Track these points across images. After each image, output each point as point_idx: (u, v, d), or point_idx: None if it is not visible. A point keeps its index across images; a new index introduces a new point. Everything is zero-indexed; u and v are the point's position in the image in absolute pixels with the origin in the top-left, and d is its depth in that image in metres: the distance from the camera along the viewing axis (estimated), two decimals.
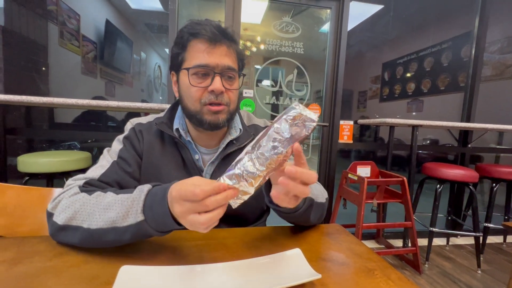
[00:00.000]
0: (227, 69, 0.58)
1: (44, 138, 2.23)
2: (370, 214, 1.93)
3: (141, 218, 0.41)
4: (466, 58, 2.49)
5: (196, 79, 0.58)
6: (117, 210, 0.43)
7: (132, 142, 0.63)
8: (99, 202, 0.45)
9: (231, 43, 0.60)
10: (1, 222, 0.69)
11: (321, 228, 0.60)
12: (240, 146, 0.66)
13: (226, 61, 0.58)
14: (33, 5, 2.09)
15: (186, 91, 0.60)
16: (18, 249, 0.43)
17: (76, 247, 0.45)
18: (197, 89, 0.58)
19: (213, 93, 0.57)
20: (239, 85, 0.63)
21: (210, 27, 0.57)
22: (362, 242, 0.53)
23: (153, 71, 3.75)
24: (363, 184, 1.58)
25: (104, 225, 0.43)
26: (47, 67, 2.22)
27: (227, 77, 0.59)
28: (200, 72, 0.57)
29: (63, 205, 0.46)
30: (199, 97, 0.58)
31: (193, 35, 0.57)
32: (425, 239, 2.00)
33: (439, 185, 1.81)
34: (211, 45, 0.57)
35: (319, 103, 2.12)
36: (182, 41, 0.59)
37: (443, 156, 2.93)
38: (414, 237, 1.67)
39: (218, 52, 0.57)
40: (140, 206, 0.42)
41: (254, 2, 1.97)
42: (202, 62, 0.56)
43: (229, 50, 0.59)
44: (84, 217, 0.44)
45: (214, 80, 0.57)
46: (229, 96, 0.60)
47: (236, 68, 0.61)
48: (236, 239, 0.52)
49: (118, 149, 0.61)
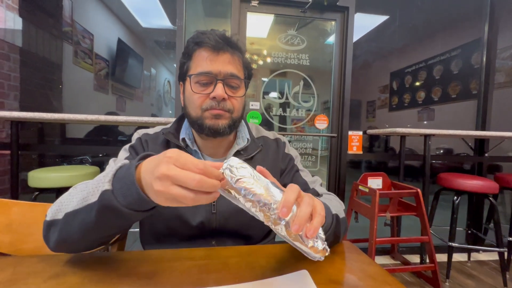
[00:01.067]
0: (230, 76, 0.58)
1: (56, 153, 2.28)
2: (384, 228, 1.85)
3: (107, 187, 0.37)
4: (477, 65, 2.44)
5: (198, 87, 0.58)
6: (90, 187, 0.39)
7: (137, 151, 0.63)
8: (81, 186, 0.43)
9: (234, 50, 0.60)
10: (5, 240, 0.68)
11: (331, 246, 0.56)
12: (248, 157, 0.64)
13: (229, 69, 0.58)
14: (49, 26, 2.20)
15: (189, 98, 0.59)
16: (14, 269, 0.42)
17: (73, 267, 0.43)
18: (199, 96, 0.57)
19: (215, 100, 0.57)
20: (244, 93, 0.62)
21: (213, 35, 0.57)
22: (375, 262, 0.49)
23: (162, 86, 3.85)
24: (375, 196, 1.52)
25: (77, 205, 0.40)
26: (61, 85, 2.31)
27: (230, 85, 0.58)
28: (203, 80, 0.57)
29: (55, 203, 0.45)
30: (201, 104, 0.58)
31: (198, 44, 0.58)
32: (443, 255, 1.89)
33: (456, 197, 1.72)
34: (214, 52, 0.57)
35: (327, 114, 2.10)
36: (188, 50, 0.60)
37: (458, 166, 2.82)
38: (432, 253, 1.58)
39: (221, 60, 0.57)
40: (110, 175, 0.38)
41: (260, 17, 2.01)
42: (204, 70, 0.56)
43: (233, 58, 0.59)
44: (66, 206, 0.42)
45: (217, 87, 0.56)
46: (233, 103, 0.60)
47: (241, 76, 0.61)
48: (240, 258, 0.49)
49: (123, 158, 0.61)
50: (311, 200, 0.36)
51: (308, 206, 0.35)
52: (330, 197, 0.63)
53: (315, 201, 0.37)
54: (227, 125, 0.59)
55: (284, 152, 0.72)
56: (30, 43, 2.03)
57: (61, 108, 2.30)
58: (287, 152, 0.72)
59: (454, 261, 2.00)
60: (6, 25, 1.85)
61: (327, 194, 0.65)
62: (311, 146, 2.15)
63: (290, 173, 0.69)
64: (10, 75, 1.86)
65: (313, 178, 0.70)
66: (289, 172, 0.69)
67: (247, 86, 0.65)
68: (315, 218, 0.35)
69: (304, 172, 0.71)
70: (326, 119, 2.07)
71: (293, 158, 0.72)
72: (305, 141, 2.13)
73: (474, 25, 2.48)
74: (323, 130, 2.08)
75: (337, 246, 0.56)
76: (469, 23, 2.70)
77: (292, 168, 0.70)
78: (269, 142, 0.72)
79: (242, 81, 0.61)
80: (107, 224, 0.40)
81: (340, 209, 0.55)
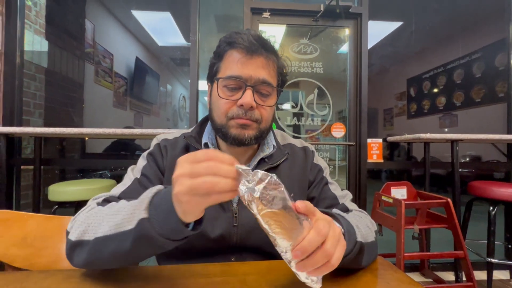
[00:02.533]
0: (261, 83, 0.53)
1: (76, 168, 2.35)
2: (411, 242, 1.71)
3: (144, 215, 0.35)
4: (502, 67, 2.31)
5: (226, 91, 0.54)
6: (124, 213, 0.38)
7: (156, 158, 0.60)
8: (110, 209, 0.42)
9: (270, 54, 0.54)
10: (20, 254, 0.67)
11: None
12: (273, 165, 0.60)
13: (262, 74, 0.53)
14: (72, 48, 2.33)
15: (215, 102, 0.56)
16: (20, 285, 0.40)
17: (82, 283, 0.40)
18: (226, 102, 0.53)
19: (242, 108, 0.52)
20: (275, 102, 0.57)
21: (248, 36, 0.52)
22: (415, 280, 0.43)
23: (178, 101, 3.95)
24: (400, 207, 1.41)
25: (109, 231, 0.38)
26: (83, 102, 2.41)
27: (260, 93, 0.54)
28: (231, 85, 0.53)
29: (78, 221, 0.43)
30: (226, 111, 0.53)
31: (230, 45, 0.54)
32: (481, 272, 1.72)
33: (492, 207, 1.58)
34: (247, 55, 0.52)
35: (343, 122, 2.04)
36: (219, 50, 0.56)
37: (488, 174, 2.62)
38: (469, 269, 1.43)
39: (253, 64, 0.52)
40: (145, 203, 0.36)
41: (272, 28, 2.02)
42: (234, 73, 0.52)
43: (267, 62, 0.54)
44: (95, 228, 0.40)
45: (245, 94, 0.52)
46: (261, 113, 0.55)
47: (274, 83, 0.56)
48: (258, 275, 0.44)
49: (141, 166, 0.59)
50: (332, 248, 0.33)
51: (325, 257, 0.33)
52: (361, 215, 0.56)
53: (337, 249, 0.34)
54: (254, 136, 0.54)
55: (313, 163, 0.66)
56: (55, 64, 2.16)
57: (81, 124, 2.40)
58: (316, 163, 0.67)
59: (495, 279, 1.81)
60: (33, 48, 1.97)
61: (358, 211, 0.59)
62: (328, 156, 2.07)
63: (319, 185, 0.64)
64: (36, 94, 1.97)
65: (343, 192, 0.64)
66: (318, 184, 0.64)
67: (279, 94, 0.60)
68: (325, 267, 0.33)
69: (334, 185, 0.65)
70: (343, 127, 2.00)
71: (322, 170, 0.66)
72: (322, 151, 2.06)
73: (496, 26, 2.38)
74: (339, 139, 2.01)
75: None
76: (490, 24, 2.59)
77: (321, 181, 0.64)
78: (296, 150, 0.67)
79: (274, 88, 0.56)
80: (141, 252, 0.38)
81: (369, 232, 0.49)
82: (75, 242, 0.41)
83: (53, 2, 2.13)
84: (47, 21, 2.07)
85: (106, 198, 0.51)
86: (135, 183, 0.55)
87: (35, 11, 1.97)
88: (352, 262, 0.42)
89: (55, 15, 2.16)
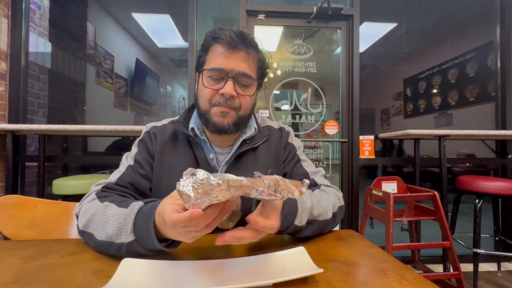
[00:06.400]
0: (242, 75, 0.58)
1: (77, 165, 2.41)
2: (403, 236, 1.77)
3: (132, 238, 0.42)
4: (493, 67, 2.38)
5: (210, 81, 0.59)
6: (113, 226, 0.44)
7: (146, 144, 0.65)
8: (104, 214, 0.47)
9: (250, 49, 0.60)
10: (31, 234, 0.74)
11: (335, 234, 0.57)
12: (254, 146, 0.65)
13: (242, 67, 0.58)
14: (75, 50, 2.40)
15: (200, 91, 0.61)
16: (36, 248, 0.46)
17: (89, 247, 0.47)
18: (209, 91, 0.59)
19: (223, 97, 0.58)
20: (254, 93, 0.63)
21: (230, 32, 0.57)
22: (377, 246, 0.49)
23: (177, 102, 4.02)
24: (389, 200, 1.47)
25: (105, 238, 0.44)
26: (84, 102, 2.48)
27: (241, 83, 0.59)
28: (215, 76, 0.59)
29: (83, 211, 0.50)
30: (210, 98, 0.59)
31: (214, 39, 0.59)
32: (470, 264, 1.77)
33: (478, 200, 1.64)
34: (229, 49, 0.57)
35: (338, 122, 2.10)
36: (205, 44, 0.61)
37: (480, 171, 2.68)
38: (455, 259, 1.49)
39: (235, 57, 0.58)
40: (129, 226, 0.43)
41: (268, 30, 2.09)
42: (217, 66, 0.57)
43: (248, 56, 0.59)
44: (93, 226, 0.47)
45: (226, 84, 0.57)
46: (241, 101, 0.60)
47: (254, 75, 0.61)
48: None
49: (134, 153, 0.65)
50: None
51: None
52: (329, 190, 0.62)
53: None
54: (233, 122, 0.60)
55: (287, 142, 0.72)
56: (58, 65, 2.23)
57: (83, 124, 2.46)
58: (290, 142, 0.72)
59: (483, 271, 1.86)
60: (37, 49, 2.04)
61: (326, 186, 0.64)
62: (322, 153, 2.14)
63: (291, 162, 0.69)
64: (40, 94, 2.04)
65: (315, 169, 0.70)
66: (290, 161, 0.70)
67: (260, 85, 0.66)
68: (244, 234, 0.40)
69: (307, 163, 0.71)
70: (335, 125, 2.07)
71: (295, 148, 0.72)
72: (317, 148, 2.13)
73: (487, 27, 2.44)
74: (333, 137, 2.08)
75: (341, 233, 0.57)
76: (481, 26, 2.66)
77: (293, 158, 0.70)
78: (274, 131, 0.72)
79: (254, 80, 0.61)
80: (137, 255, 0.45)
81: (324, 211, 0.55)
82: (81, 231, 0.49)
83: (57, 6, 2.21)
84: (51, 24, 2.15)
85: (105, 185, 0.57)
86: (129, 169, 0.62)
87: (39, 14, 2.05)
88: (292, 234, 0.51)
89: (58, 18, 2.24)
